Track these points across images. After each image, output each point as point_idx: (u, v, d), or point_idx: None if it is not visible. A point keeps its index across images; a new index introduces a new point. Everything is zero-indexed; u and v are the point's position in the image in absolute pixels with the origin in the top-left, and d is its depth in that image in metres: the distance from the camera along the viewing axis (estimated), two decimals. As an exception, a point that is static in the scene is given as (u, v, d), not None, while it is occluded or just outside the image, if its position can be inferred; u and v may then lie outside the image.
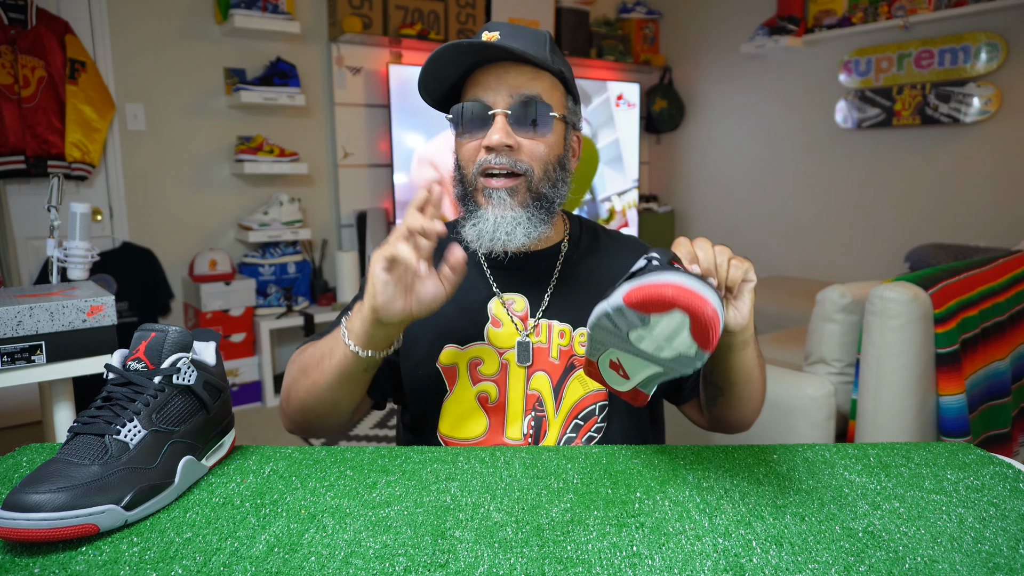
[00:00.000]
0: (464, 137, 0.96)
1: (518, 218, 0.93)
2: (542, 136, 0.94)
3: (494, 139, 0.91)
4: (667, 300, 0.60)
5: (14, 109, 2.71)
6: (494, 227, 0.92)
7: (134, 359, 0.71)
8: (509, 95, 0.92)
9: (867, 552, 0.59)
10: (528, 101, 0.92)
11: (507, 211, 0.92)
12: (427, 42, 3.56)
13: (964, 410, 1.63)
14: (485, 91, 0.93)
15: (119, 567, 0.57)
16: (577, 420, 0.98)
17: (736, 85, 4.27)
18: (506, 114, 0.92)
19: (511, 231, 0.92)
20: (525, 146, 0.93)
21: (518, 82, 0.92)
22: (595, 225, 1.12)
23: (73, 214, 1.60)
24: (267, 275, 3.35)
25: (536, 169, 0.94)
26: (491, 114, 0.92)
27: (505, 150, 0.92)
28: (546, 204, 0.95)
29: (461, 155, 0.97)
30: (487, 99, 0.93)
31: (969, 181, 3.32)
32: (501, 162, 0.92)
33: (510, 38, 0.92)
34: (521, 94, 0.92)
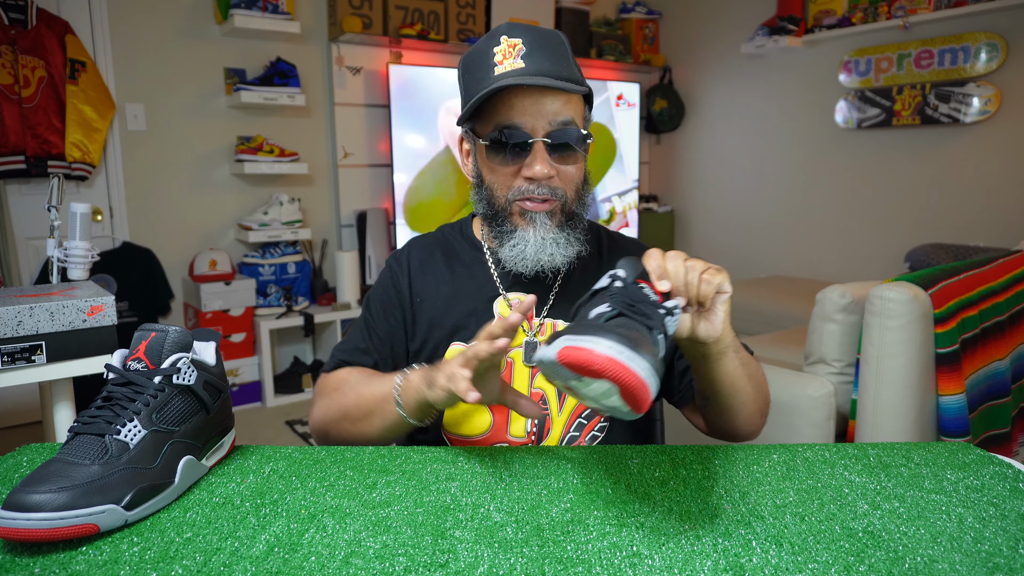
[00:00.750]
0: (498, 163, 0.95)
1: (557, 240, 0.95)
2: (576, 162, 0.95)
3: (537, 170, 0.92)
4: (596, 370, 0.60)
5: (14, 109, 2.71)
6: (536, 249, 0.94)
7: (134, 359, 0.71)
8: (547, 122, 0.92)
9: (867, 552, 0.59)
10: (564, 127, 0.93)
11: (548, 233, 0.94)
12: (427, 42, 3.56)
13: (964, 410, 1.63)
14: (522, 116, 0.92)
15: (119, 567, 0.57)
16: (580, 419, 0.98)
17: (736, 85, 4.27)
18: (545, 142, 0.92)
19: (552, 252, 0.95)
20: (561, 172, 0.94)
21: (554, 108, 0.92)
22: (599, 227, 1.13)
23: (73, 214, 1.60)
24: (267, 275, 3.35)
25: (570, 192, 0.96)
26: (531, 143, 0.92)
27: (546, 180, 0.93)
28: (578, 222, 0.98)
29: (493, 179, 0.97)
30: (525, 125, 0.92)
31: (969, 181, 3.32)
32: (543, 193, 0.93)
33: (536, 51, 0.91)
34: (558, 121, 0.92)
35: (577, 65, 0.97)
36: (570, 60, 0.94)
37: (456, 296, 1.03)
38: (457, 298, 1.03)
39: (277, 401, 3.34)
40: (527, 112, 0.91)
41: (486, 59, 0.93)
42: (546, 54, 0.92)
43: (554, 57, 0.92)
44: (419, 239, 1.12)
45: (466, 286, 1.04)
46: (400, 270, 1.08)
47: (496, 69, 0.92)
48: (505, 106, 0.92)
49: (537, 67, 0.90)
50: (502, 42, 0.92)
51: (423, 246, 1.10)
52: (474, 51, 0.97)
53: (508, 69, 0.91)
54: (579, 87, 0.91)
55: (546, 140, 0.92)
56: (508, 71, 0.91)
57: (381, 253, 3.57)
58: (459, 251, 1.07)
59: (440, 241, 1.10)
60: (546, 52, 0.92)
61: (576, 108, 0.95)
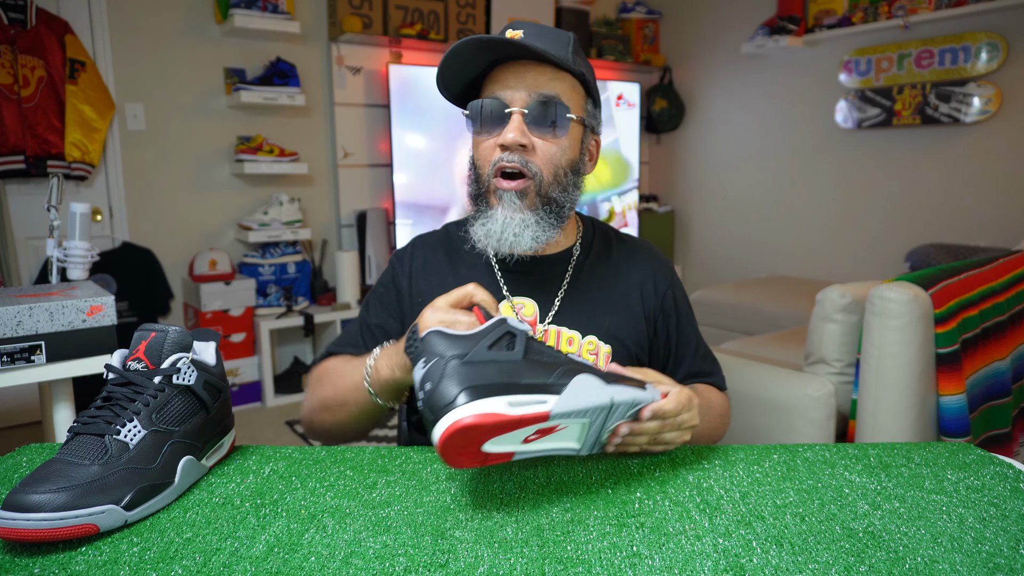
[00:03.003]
0: (481, 135, 0.95)
1: (527, 220, 0.93)
2: (557, 138, 0.93)
3: (508, 137, 0.91)
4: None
5: (14, 109, 2.71)
6: (502, 227, 0.92)
7: (134, 359, 0.71)
8: (528, 94, 0.91)
9: (867, 552, 0.59)
10: (546, 101, 0.91)
11: (516, 213, 0.92)
12: (427, 42, 3.56)
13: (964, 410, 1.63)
14: (504, 88, 0.92)
15: (119, 567, 0.57)
16: None
17: (736, 85, 4.27)
18: (523, 113, 0.91)
19: (519, 233, 0.92)
20: (539, 147, 0.93)
21: (538, 81, 0.92)
22: (608, 229, 1.11)
23: (73, 214, 1.60)
24: (267, 275, 3.35)
25: (546, 173, 0.93)
26: (508, 112, 0.92)
27: (519, 149, 0.92)
28: (555, 208, 0.95)
29: (477, 153, 0.97)
30: (505, 97, 0.92)
31: (969, 181, 3.32)
32: (512, 160, 0.92)
33: (534, 37, 0.91)
34: (540, 93, 0.91)
35: (583, 59, 0.96)
36: (569, 49, 0.93)
37: None
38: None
39: (277, 401, 3.34)
40: (509, 84, 0.92)
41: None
42: (543, 39, 0.91)
43: (551, 42, 0.92)
44: (423, 237, 1.11)
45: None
46: (401, 269, 1.07)
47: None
48: (492, 81, 0.94)
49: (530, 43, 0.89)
50: (506, 34, 0.93)
51: (426, 245, 1.09)
52: None
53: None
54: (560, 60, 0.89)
55: (523, 111, 0.91)
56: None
57: (381, 253, 3.57)
58: (462, 251, 1.06)
59: (444, 240, 1.09)
60: (544, 38, 0.92)
61: (567, 90, 0.93)
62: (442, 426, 0.63)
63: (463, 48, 0.90)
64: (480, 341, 0.68)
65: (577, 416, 0.68)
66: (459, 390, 0.64)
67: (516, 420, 0.64)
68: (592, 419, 0.70)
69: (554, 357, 0.71)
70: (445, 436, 0.63)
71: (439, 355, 0.67)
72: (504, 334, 0.69)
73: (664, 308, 1.06)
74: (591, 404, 0.68)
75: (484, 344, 0.68)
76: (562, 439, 0.71)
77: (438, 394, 0.65)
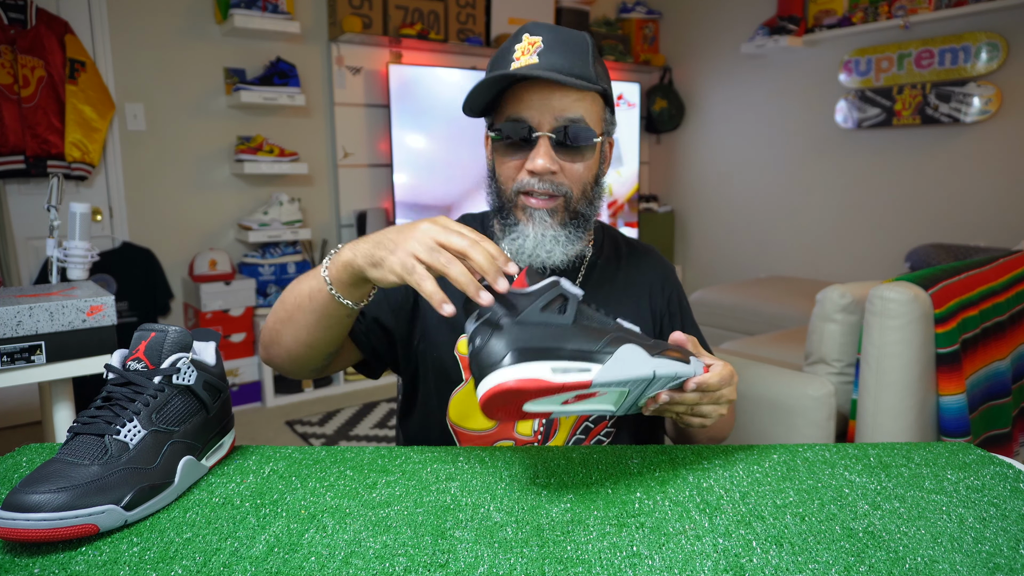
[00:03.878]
0: (504, 154, 0.95)
1: (557, 237, 0.94)
2: (585, 160, 0.94)
3: (538, 164, 0.91)
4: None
5: (14, 109, 2.71)
6: (534, 245, 0.93)
7: (134, 359, 0.71)
8: (554, 117, 0.91)
9: (867, 552, 0.59)
10: (572, 126, 0.91)
11: (547, 230, 0.94)
12: (427, 42, 3.56)
13: (964, 410, 1.63)
14: (529, 110, 0.92)
15: (119, 567, 0.57)
16: (588, 423, 0.99)
17: (736, 85, 4.27)
18: (550, 137, 0.92)
19: (551, 249, 0.94)
20: (567, 169, 0.93)
21: (563, 104, 0.91)
22: (616, 233, 1.13)
23: (73, 214, 1.60)
24: (267, 275, 3.35)
25: (575, 190, 0.95)
26: (535, 136, 0.92)
27: (549, 175, 0.92)
28: (583, 222, 0.97)
29: (501, 170, 0.97)
30: (531, 119, 0.92)
31: (969, 181, 3.32)
32: (544, 187, 0.93)
33: (554, 49, 0.91)
34: (566, 117, 0.91)
35: (601, 65, 0.96)
36: (589, 59, 0.93)
37: None
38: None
39: (277, 401, 3.34)
40: (534, 106, 0.91)
41: (507, 55, 0.93)
42: (564, 52, 0.91)
43: (572, 55, 0.91)
44: None
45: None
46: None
47: (512, 65, 0.92)
48: (515, 100, 0.93)
49: (550, 64, 0.90)
50: (523, 40, 0.92)
51: None
52: (500, 49, 0.97)
53: (523, 65, 0.91)
54: (588, 84, 0.89)
55: (550, 135, 0.91)
56: (522, 67, 0.91)
57: (381, 253, 3.56)
58: None
59: None
60: (564, 50, 0.91)
61: (589, 107, 0.94)
62: (486, 385, 0.63)
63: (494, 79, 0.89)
64: (535, 302, 0.67)
65: (618, 385, 0.69)
66: (507, 351, 0.64)
67: (558, 387, 0.64)
68: (632, 388, 0.71)
69: (603, 323, 0.71)
70: (488, 396, 0.63)
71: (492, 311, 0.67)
72: (557, 296, 0.69)
73: (670, 309, 1.09)
74: (634, 375, 0.69)
75: (537, 306, 0.67)
76: (600, 403, 0.72)
77: (486, 351, 0.64)
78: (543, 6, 4.03)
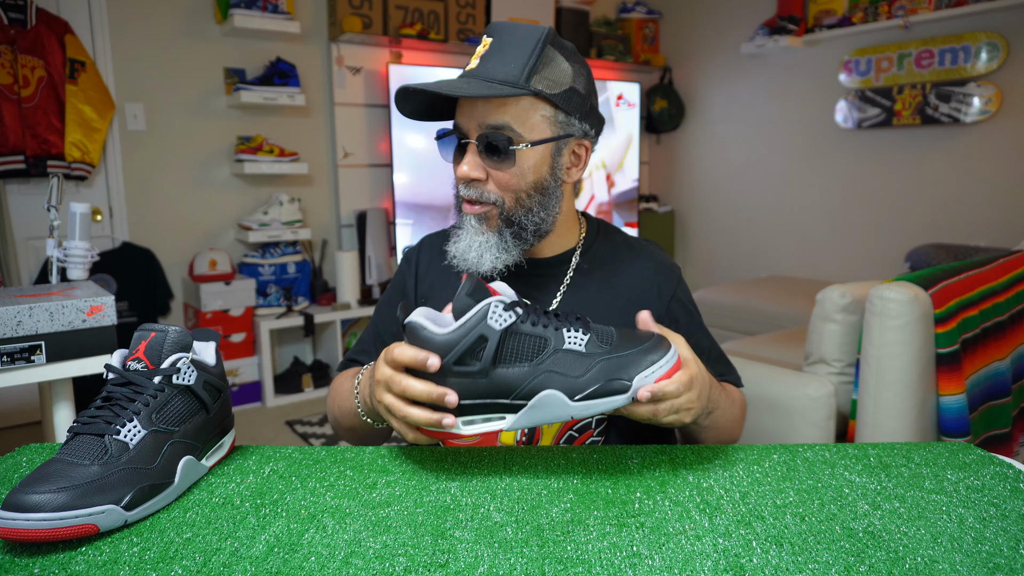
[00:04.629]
0: (447, 159, 0.97)
1: (487, 243, 0.93)
2: (508, 168, 0.91)
3: (461, 170, 0.92)
4: None
5: (14, 109, 2.71)
6: (464, 249, 0.94)
7: (134, 359, 0.71)
8: (477, 124, 0.91)
9: (867, 552, 0.59)
10: (492, 133, 0.90)
11: (477, 236, 0.93)
12: (427, 42, 3.56)
13: (964, 410, 1.63)
14: (460, 117, 0.93)
15: (119, 567, 0.57)
16: (572, 432, 0.97)
17: (736, 85, 4.27)
18: (475, 144, 0.91)
19: (479, 256, 0.93)
20: (494, 176, 0.92)
21: (485, 111, 0.90)
22: (614, 231, 1.10)
23: (73, 214, 1.60)
24: (267, 275, 3.35)
25: (507, 199, 0.92)
26: (463, 143, 0.93)
27: (473, 183, 0.92)
28: (520, 231, 0.94)
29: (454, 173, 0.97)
30: (463, 126, 0.93)
31: (969, 181, 3.32)
32: (470, 194, 0.93)
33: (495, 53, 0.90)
34: (487, 124, 0.90)
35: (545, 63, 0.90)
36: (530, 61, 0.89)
37: None
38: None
39: (277, 401, 3.34)
40: (464, 113, 0.93)
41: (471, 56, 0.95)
42: (504, 56, 0.89)
43: (511, 59, 0.89)
44: (430, 236, 1.13)
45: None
46: (408, 269, 1.10)
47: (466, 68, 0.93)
48: (458, 105, 0.95)
49: (484, 70, 0.89)
50: (481, 40, 0.93)
51: (433, 244, 1.11)
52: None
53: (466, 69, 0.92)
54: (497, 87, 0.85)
55: (474, 142, 0.91)
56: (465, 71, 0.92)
57: (381, 253, 3.57)
58: None
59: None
60: (504, 52, 0.89)
61: (521, 112, 0.89)
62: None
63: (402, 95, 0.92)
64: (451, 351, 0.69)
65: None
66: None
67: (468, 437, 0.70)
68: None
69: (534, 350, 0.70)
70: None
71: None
72: (476, 340, 0.69)
73: (670, 314, 1.04)
74: (546, 420, 0.71)
75: (452, 358, 0.69)
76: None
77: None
78: (543, 6, 4.03)
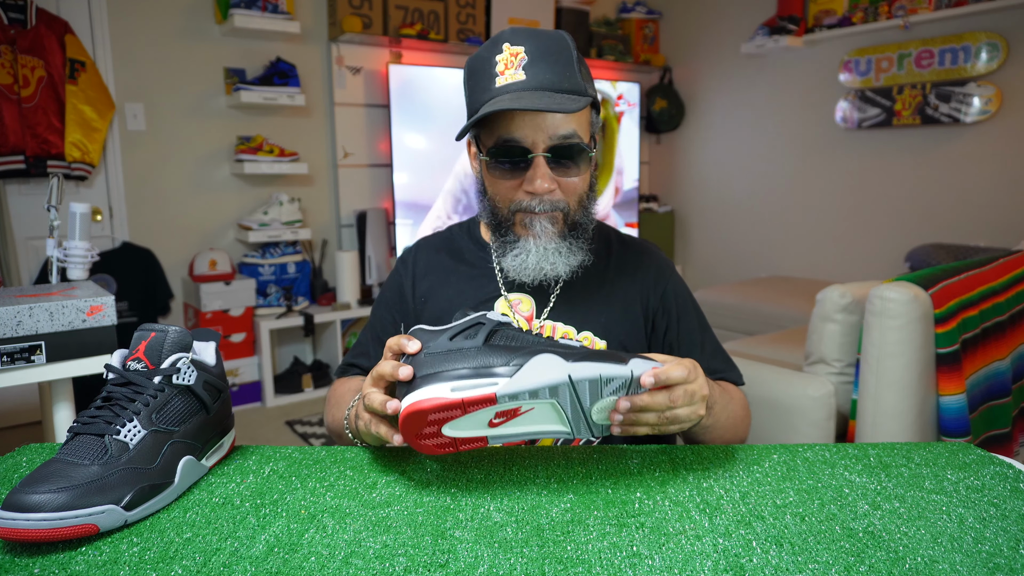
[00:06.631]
0: (499, 175, 0.95)
1: (560, 248, 0.95)
2: (580, 174, 0.94)
3: (537, 185, 0.91)
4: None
5: (14, 109, 2.71)
6: (538, 259, 0.94)
7: (134, 359, 0.71)
8: (548, 136, 0.91)
9: (867, 552, 0.59)
10: (567, 144, 0.91)
11: (550, 243, 0.94)
12: (427, 42, 3.56)
13: (964, 410, 1.63)
14: (521, 130, 0.91)
15: (119, 567, 0.57)
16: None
17: (736, 85, 4.27)
18: (546, 157, 0.91)
19: (555, 262, 0.94)
20: (563, 184, 0.94)
21: (555, 123, 0.90)
22: (610, 230, 1.12)
23: (73, 214, 1.60)
24: (267, 275, 3.35)
25: (572, 203, 0.95)
26: (531, 157, 0.92)
27: (548, 194, 0.93)
28: (581, 232, 0.97)
29: (496, 190, 0.96)
30: (524, 140, 0.91)
31: (969, 181, 3.32)
32: (544, 208, 0.93)
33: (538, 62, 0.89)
34: (559, 136, 0.91)
35: (585, 67, 0.94)
36: (575, 67, 0.91)
37: (460, 296, 1.03)
38: (461, 298, 1.03)
39: (277, 401, 3.34)
40: (527, 126, 0.90)
41: (488, 67, 0.92)
42: (549, 64, 0.90)
43: (558, 66, 0.90)
44: (427, 239, 1.13)
45: (469, 286, 1.04)
46: (405, 271, 1.10)
47: (497, 80, 0.90)
48: (506, 119, 0.91)
49: (538, 79, 0.88)
50: (504, 50, 0.91)
51: (430, 247, 1.11)
52: (477, 57, 0.95)
53: (509, 81, 0.89)
54: (581, 99, 0.87)
55: (546, 155, 0.91)
56: (509, 83, 0.89)
57: (381, 253, 3.57)
58: (465, 252, 1.08)
59: (447, 241, 1.11)
60: (549, 61, 0.90)
61: (579, 119, 0.93)
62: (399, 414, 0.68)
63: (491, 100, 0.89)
64: (443, 334, 0.70)
65: (534, 397, 0.66)
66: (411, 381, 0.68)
67: (458, 403, 0.65)
68: (560, 399, 0.68)
69: (526, 342, 0.70)
70: (400, 422, 0.67)
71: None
72: (472, 324, 0.71)
73: (664, 305, 1.06)
74: (543, 383, 0.66)
75: (446, 336, 0.70)
76: (538, 422, 0.69)
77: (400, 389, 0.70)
78: (543, 6, 4.03)
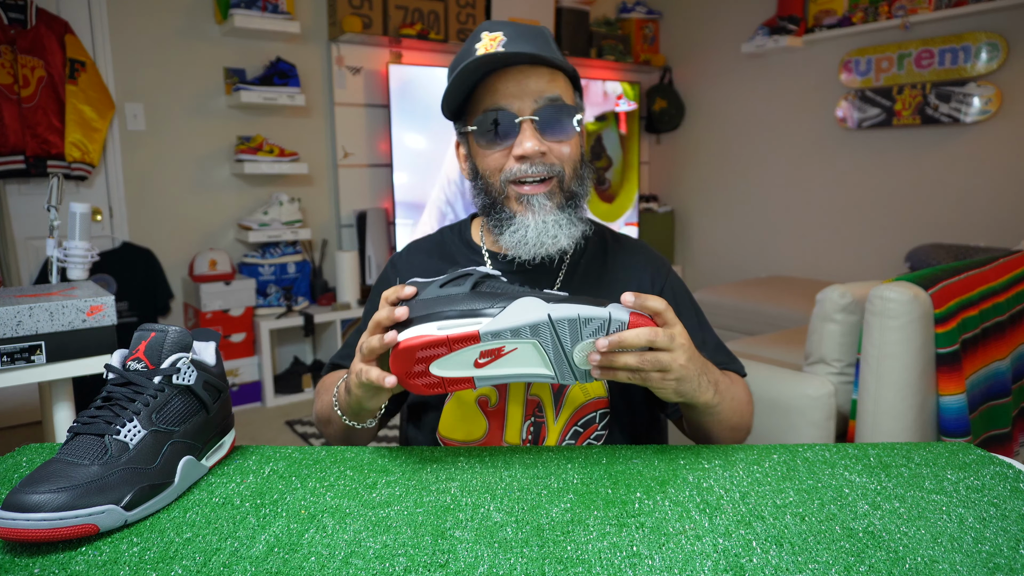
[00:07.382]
0: (488, 147, 0.95)
1: (559, 221, 0.93)
2: (569, 138, 0.94)
3: (527, 147, 0.91)
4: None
5: (14, 109, 2.71)
6: (538, 233, 0.92)
7: (134, 359, 0.71)
8: (533, 100, 0.91)
9: (867, 552, 0.59)
10: (554, 105, 0.92)
11: (548, 215, 0.93)
12: (427, 42, 3.56)
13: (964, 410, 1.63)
14: (507, 98, 0.92)
15: (119, 567, 0.57)
16: (576, 427, 0.97)
17: (736, 85, 4.27)
18: (533, 120, 0.91)
19: (555, 235, 0.93)
20: (554, 150, 0.93)
21: (539, 86, 0.91)
22: (604, 229, 1.12)
23: (73, 214, 1.60)
24: (267, 275, 3.35)
25: (567, 169, 0.94)
26: (518, 122, 0.92)
27: (539, 157, 0.92)
28: (578, 202, 0.96)
29: (485, 164, 0.96)
30: (511, 107, 0.92)
31: (969, 181, 3.32)
32: (537, 170, 0.92)
33: (516, 40, 0.91)
34: (545, 98, 0.92)
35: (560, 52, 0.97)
36: (552, 45, 0.94)
37: None
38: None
39: (277, 401, 3.34)
40: (511, 93, 0.91)
41: (468, 53, 0.94)
42: (527, 41, 0.92)
43: (536, 42, 0.93)
44: (416, 243, 1.13)
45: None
46: (394, 274, 1.10)
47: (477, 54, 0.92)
48: (489, 92, 0.92)
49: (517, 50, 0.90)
50: (484, 37, 0.93)
51: (420, 250, 1.11)
52: (460, 52, 0.97)
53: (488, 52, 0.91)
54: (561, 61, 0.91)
55: (533, 118, 0.91)
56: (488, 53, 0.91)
57: (381, 253, 3.57)
58: (456, 254, 1.07)
59: (438, 244, 1.11)
60: (527, 39, 0.92)
61: (563, 87, 0.94)
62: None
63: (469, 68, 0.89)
64: (435, 283, 0.74)
65: (516, 336, 0.70)
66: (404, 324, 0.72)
67: (443, 340, 0.69)
68: (541, 339, 0.71)
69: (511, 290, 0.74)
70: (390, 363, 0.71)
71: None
72: (461, 274, 0.74)
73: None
74: (524, 322, 0.69)
75: (437, 283, 0.74)
76: (522, 364, 0.72)
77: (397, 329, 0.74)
78: (543, 6, 4.03)
